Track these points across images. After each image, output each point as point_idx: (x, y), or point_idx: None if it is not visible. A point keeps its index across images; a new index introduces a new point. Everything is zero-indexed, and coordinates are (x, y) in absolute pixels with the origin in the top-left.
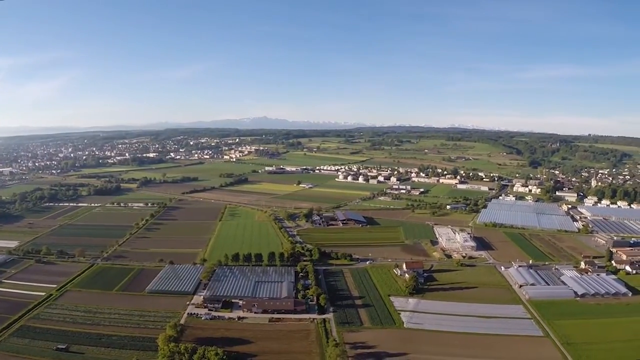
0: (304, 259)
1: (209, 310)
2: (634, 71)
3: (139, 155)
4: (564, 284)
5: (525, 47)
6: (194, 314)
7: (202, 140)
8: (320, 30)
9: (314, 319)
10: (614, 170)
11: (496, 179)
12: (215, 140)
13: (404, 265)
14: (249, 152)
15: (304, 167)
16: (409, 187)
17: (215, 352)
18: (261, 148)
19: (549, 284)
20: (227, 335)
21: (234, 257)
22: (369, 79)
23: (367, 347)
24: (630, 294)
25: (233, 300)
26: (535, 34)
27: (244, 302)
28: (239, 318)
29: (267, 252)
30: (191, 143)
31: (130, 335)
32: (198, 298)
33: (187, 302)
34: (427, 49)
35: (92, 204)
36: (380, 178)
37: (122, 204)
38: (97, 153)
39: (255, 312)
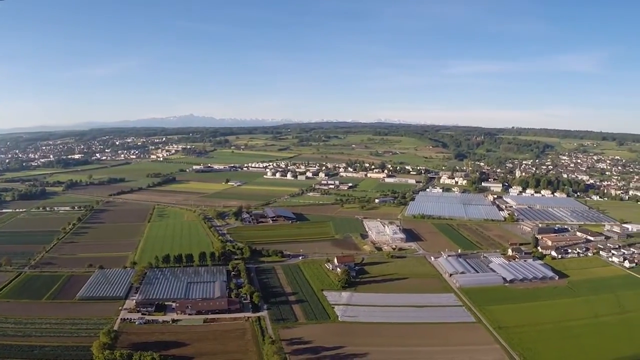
0: (235, 257)
1: (142, 314)
2: (554, 67)
3: (64, 157)
4: (493, 271)
5: (450, 43)
6: (128, 319)
7: (128, 140)
8: (246, 27)
9: (248, 317)
10: (537, 160)
11: (423, 172)
12: (141, 140)
13: (336, 260)
14: (176, 151)
15: (232, 165)
16: (337, 182)
17: (151, 357)
18: (188, 147)
19: (478, 272)
20: (162, 339)
21: (165, 258)
22: (296, 76)
23: (304, 343)
24: (556, 277)
25: (166, 303)
26: (459, 31)
27: (178, 304)
28: (173, 320)
29: (197, 252)
30: (117, 143)
31: (63, 345)
32: (130, 302)
33: (120, 307)
34: (352, 45)
35: (17, 210)
36: (309, 174)
37: (48, 209)
38: (20, 156)
39: (189, 314)
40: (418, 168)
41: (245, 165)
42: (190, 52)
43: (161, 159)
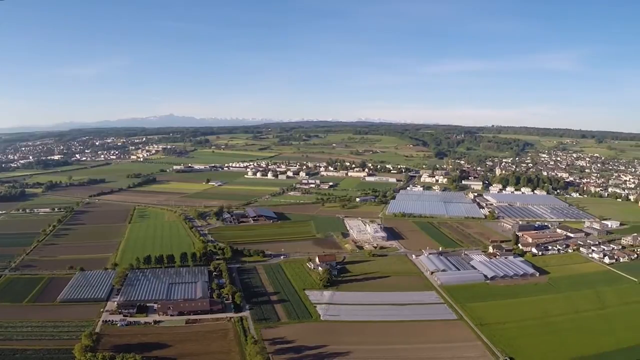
0: (217, 257)
1: (124, 316)
2: (534, 65)
3: (44, 158)
4: (474, 268)
5: (431, 42)
6: (109, 321)
7: (109, 140)
8: (227, 26)
9: (230, 317)
10: (517, 158)
11: (404, 170)
12: (121, 140)
13: (317, 259)
14: (157, 151)
15: (213, 165)
16: (318, 181)
17: (133, 358)
18: (169, 147)
19: (459, 269)
20: (144, 341)
21: (146, 259)
22: (276, 75)
23: (286, 342)
24: (537, 274)
25: (148, 304)
26: (440, 30)
27: (159, 305)
28: (155, 322)
29: (179, 253)
30: (97, 143)
31: (45, 348)
32: (112, 304)
33: (101, 309)
34: (334, 44)
35: None
36: (290, 173)
37: (27, 210)
38: None
39: (171, 315)
40: (399, 167)
41: (226, 165)
42: (170, 51)
43: (141, 159)
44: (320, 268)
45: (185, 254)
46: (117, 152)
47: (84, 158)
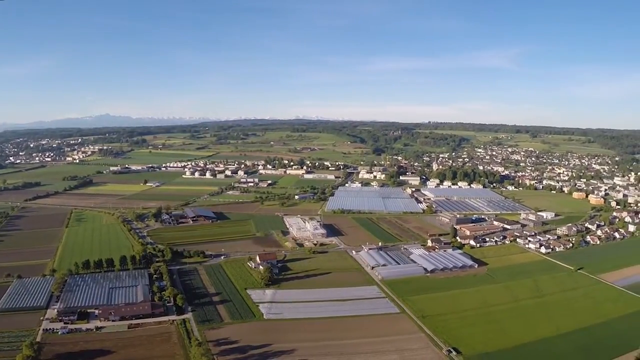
0: (157, 260)
1: (64, 323)
2: (469, 63)
3: None
4: (414, 262)
5: (368, 40)
6: (50, 329)
7: (43, 142)
8: (162, 24)
9: (173, 320)
10: (453, 154)
11: (342, 167)
12: (57, 142)
13: (258, 258)
14: (93, 152)
15: (150, 165)
16: (256, 180)
17: None
18: (105, 147)
19: (399, 264)
20: (87, 348)
21: (85, 264)
22: (213, 73)
23: (231, 343)
24: (476, 265)
25: (89, 310)
26: (378, 28)
27: (100, 311)
28: (97, 328)
29: (118, 256)
30: (32, 145)
31: None
32: (52, 312)
33: (42, 318)
34: (271, 42)
35: None
36: (228, 172)
37: None
38: None
39: (112, 320)
40: (337, 164)
41: (164, 165)
42: (105, 49)
43: (77, 161)
44: (261, 267)
45: (125, 257)
46: (52, 154)
47: (18, 161)
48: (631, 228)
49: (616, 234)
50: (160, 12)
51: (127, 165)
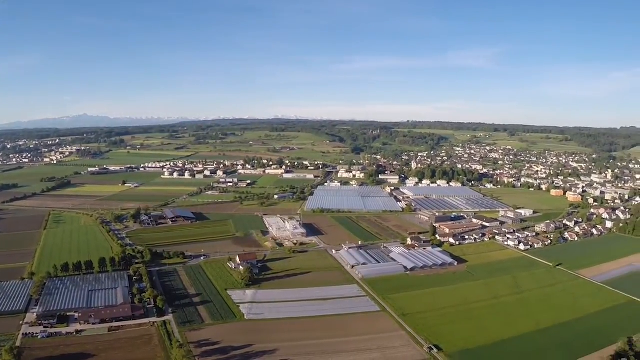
0: (136, 261)
1: (44, 327)
2: (447, 63)
3: None
4: (394, 260)
5: (347, 40)
6: (30, 333)
7: (20, 143)
8: (139, 23)
9: (154, 322)
10: (432, 152)
11: (321, 166)
12: (34, 142)
13: (238, 258)
14: (70, 153)
15: (129, 166)
16: (236, 180)
17: None
18: (83, 148)
19: (379, 262)
20: (67, 352)
21: (64, 267)
22: (192, 73)
23: (212, 344)
24: (455, 263)
25: (68, 314)
26: (356, 28)
27: (80, 314)
28: (77, 331)
29: (97, 259)
30: (8, 146)
31: None
32: (31, 316)
33: (21, 322)
34: (250, 42)
35: None
36: (207, 172)
37: None
38: None
39: (93, 323)
40: (316, 163)
41: (142, 165)
42: (83, 49)
43: (55, 161)
44: (241, 267)
45: (104, 259)
46: (29, 155)
47: None
48: (608, 224)
49: (594, 231)
50: (138, 12)
51: (105, 166)
